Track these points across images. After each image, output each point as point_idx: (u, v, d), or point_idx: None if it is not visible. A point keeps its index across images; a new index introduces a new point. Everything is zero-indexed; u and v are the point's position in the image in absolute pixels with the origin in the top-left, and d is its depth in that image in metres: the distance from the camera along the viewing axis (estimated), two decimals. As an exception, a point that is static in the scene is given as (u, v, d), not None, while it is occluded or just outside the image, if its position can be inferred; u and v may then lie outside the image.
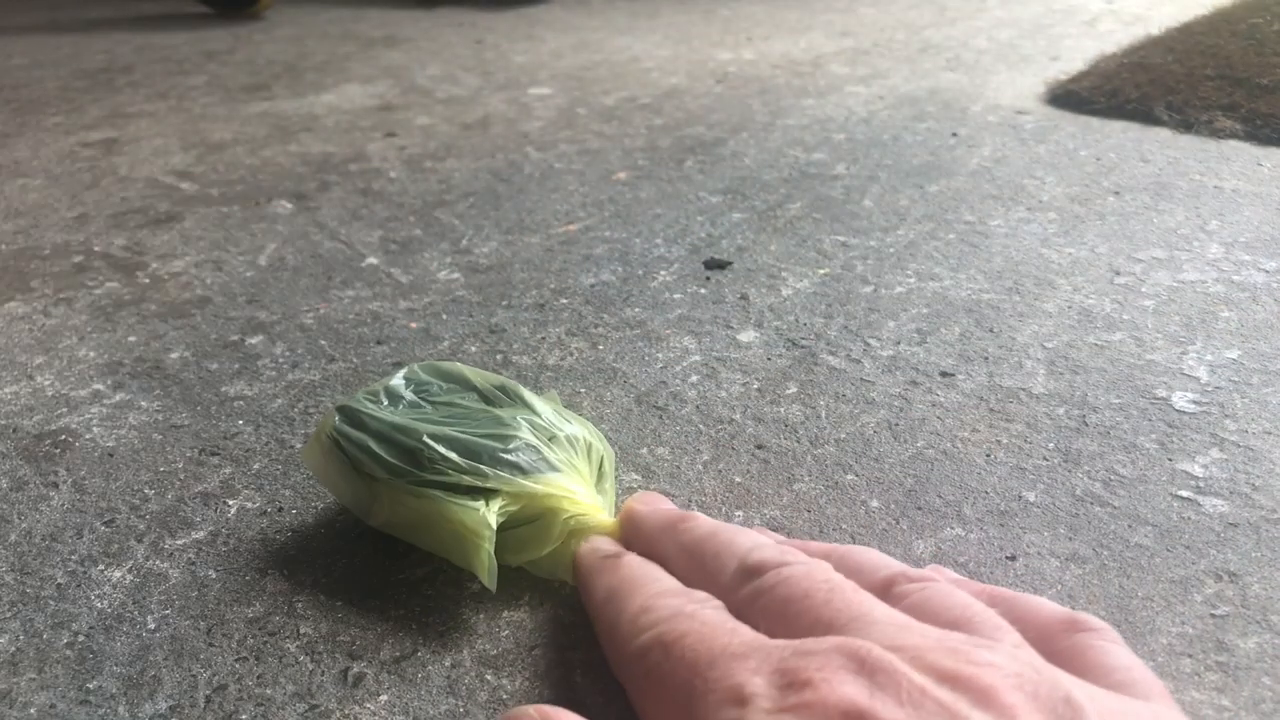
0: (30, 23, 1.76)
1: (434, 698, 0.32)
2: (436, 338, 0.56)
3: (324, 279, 0.65)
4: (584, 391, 0.50)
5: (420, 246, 0.70)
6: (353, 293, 0.63)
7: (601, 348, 0.54)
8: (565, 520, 0.34)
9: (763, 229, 0.71)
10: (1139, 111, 0.95)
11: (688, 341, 0.55)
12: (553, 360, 0.53)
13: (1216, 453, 0.43)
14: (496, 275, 0.64)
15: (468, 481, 0.34)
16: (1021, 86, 1.09)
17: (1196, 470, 0.42)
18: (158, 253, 0.70)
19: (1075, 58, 1.19)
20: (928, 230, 0.69)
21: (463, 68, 1.30)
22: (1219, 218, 0.70)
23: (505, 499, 0.34)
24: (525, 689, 0.32)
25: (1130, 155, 0.84)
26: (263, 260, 0.68)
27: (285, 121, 1.05)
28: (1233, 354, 0.51)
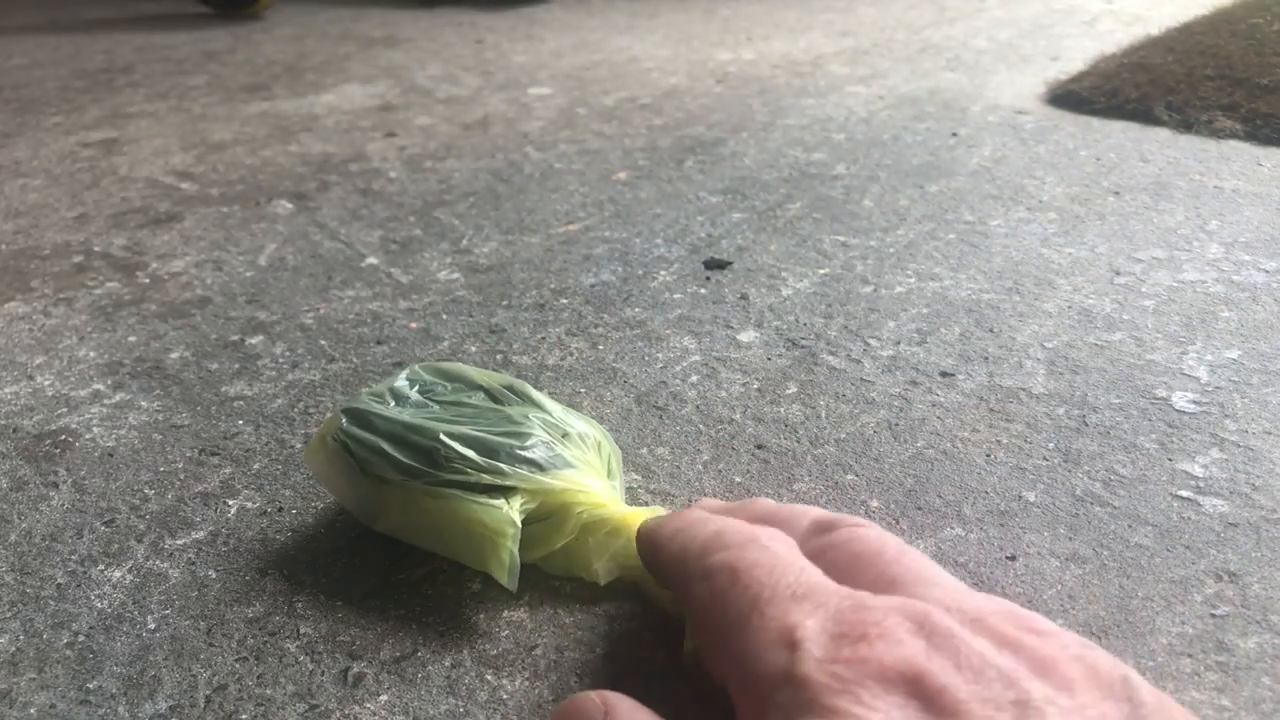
0: (30, 23, 1.76)
1: (434, 698, 0.32)
2: (436, 338, 0.56)
3: (324, 279, 0.65)
4: (584, 391, 0.50)
5: (420, 246, 0.70)
6: (353, 293, 0.63)
7: (601, 348, 0.54)
8: (579, 514, 0.34)
9: (763, 229, 0.71)
10: (1139, 111, 0.95)
11: (688, 341, 0.55)
12: (553, 360, 0.53)
13: (1216, 453, 0.43)
14: (496, 275, 0.64)
15: (486, 480, 0.34)
16: (1021, 86, 1.09)
17: (1196, 470, 0.42)
18: (158, 253, 0.70)
19: (1075, 58, 1.19)
20: (928, 230, 0.69)
21: (463, 68, 1.30)
22: (1219, 218, 0.70)
23: (524, 496, 0.34)
24: (525, 689, 0.32)
25: (1130, 155, 0.84)
26: (263, 260, 0.68)
27: (285, 121, 1.05)
28: (1233, 354, 0.51)
